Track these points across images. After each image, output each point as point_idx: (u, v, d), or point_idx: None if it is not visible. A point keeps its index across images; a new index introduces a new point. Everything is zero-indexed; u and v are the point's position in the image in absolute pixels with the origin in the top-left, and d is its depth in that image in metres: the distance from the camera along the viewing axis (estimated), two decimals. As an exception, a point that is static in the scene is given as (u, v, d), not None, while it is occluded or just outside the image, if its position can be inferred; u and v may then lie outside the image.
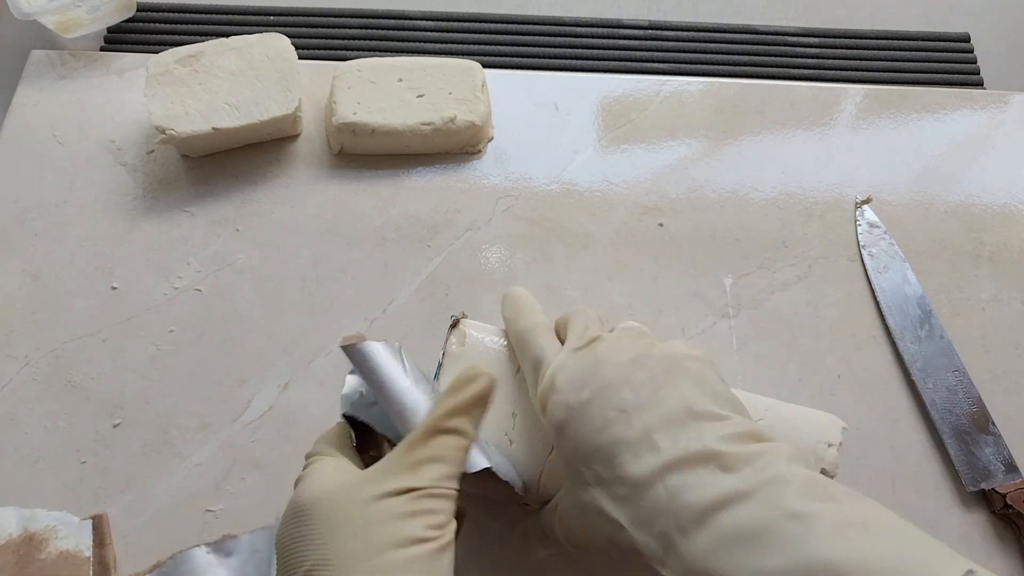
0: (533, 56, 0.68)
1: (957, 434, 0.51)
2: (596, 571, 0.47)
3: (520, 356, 0.41)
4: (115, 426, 0.50)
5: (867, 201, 0.59)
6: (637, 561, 0.35)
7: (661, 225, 0.58)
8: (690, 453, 0.33)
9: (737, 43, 0.69)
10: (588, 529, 0.37)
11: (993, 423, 0.51)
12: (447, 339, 0.46)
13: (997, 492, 0.49)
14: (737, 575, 0.30)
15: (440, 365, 0.45)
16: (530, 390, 0.40)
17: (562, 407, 0.36)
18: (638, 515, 0.33)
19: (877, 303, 0.56)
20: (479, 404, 0.35)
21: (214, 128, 0.56)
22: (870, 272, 0.57)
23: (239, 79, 0.58)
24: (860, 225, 0.58)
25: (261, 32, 0.60)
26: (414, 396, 0.38)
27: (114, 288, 0.55)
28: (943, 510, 0.49)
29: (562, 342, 0.40)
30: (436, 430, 0.34)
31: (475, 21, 0.69)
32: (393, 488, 0.33)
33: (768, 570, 0.30)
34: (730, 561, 0.30)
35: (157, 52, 0.59)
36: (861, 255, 0.57)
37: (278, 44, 0.59)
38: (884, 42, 0.70)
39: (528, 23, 0.70)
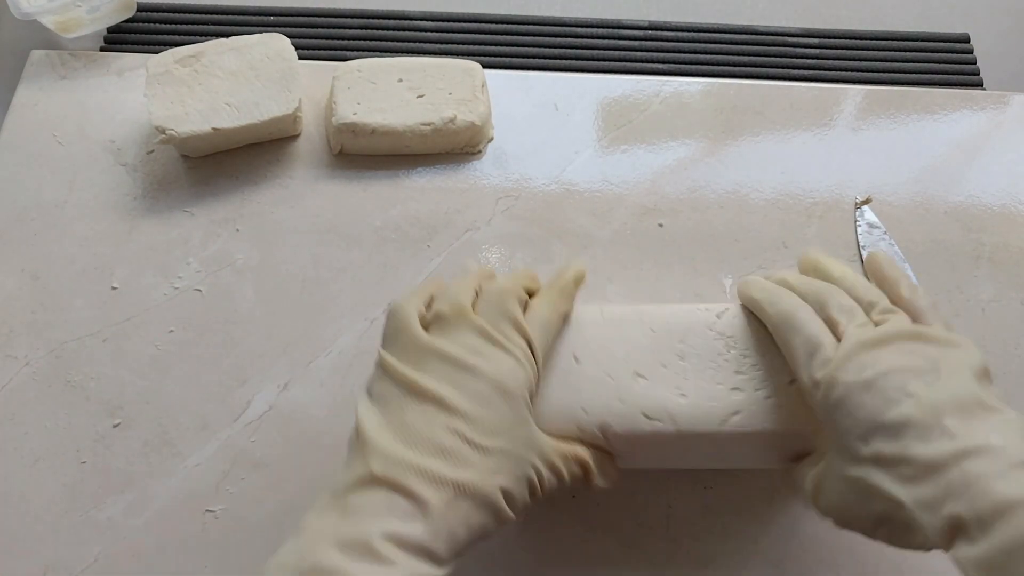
0: (533, 56, 0.68)
1: None
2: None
3: (785, 335, 0.41)
4: (115, 426, 0.50)
5: (867, 201, 0.59)
6: (908, 540, 0.36)
7: (661, 226, 0.58)
8: (989, 444, 0.34)
9: (737, 43, 0.69)
10: (854, 504, 0.37)
11: None
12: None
13: None
14: None
15: None
16: (798, 369, 0.41)
17: (841, 385, 0.37)
18: (924, 496, 0.34)
19: None
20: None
21: (214, 128, 0.56)
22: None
23: (239, 79, 0.58)
24: (860, 226, 0.58)
25: (261, 32, 0.60)
26: None
27: (114, 288, 0.55)
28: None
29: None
30: None
31: (475, 21, 0.69)
32: None
33: None
34: None
35: (157, 52, 0.59)
36: (861, 256, 0.57)
37: (278, 44, 0.59)
38: (884, 43, 0.70)
39: (528, 23, 0.70)
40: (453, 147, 0.60)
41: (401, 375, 0.38)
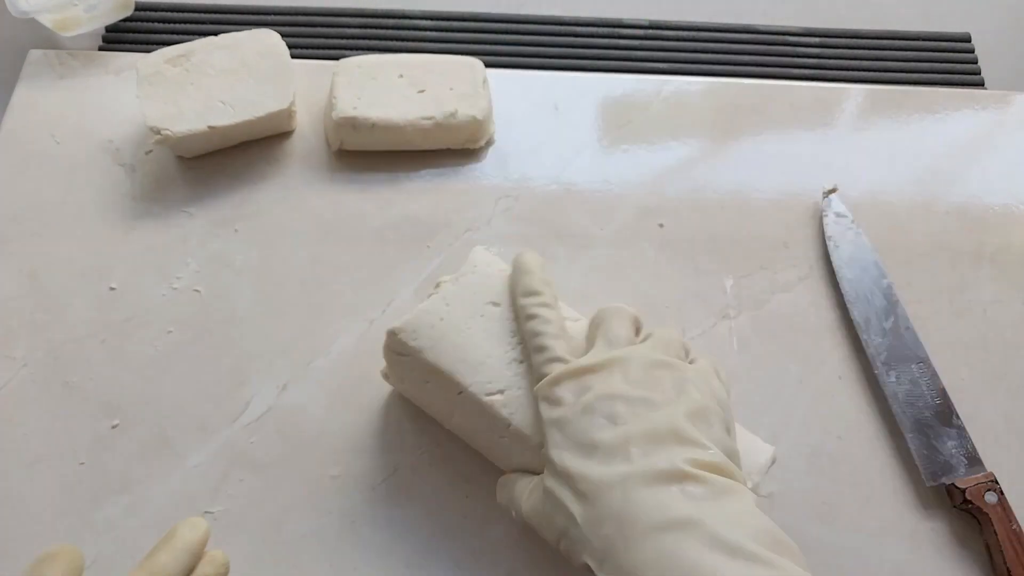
0: (533, 56, 0.68)
1: (919, 427, 0.51)
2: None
3: (525, 335, 0.43)
4: (113, 427, 0.50)
5: (833, 191, 0.59)
6: (578, 558, 0.36)
7: (661, 226, 0.58)
8: (658, 470, 0.35)
9: (737, 43, 0.69)
10: (545, 514, 0.38)
11: (957, 416, 0.51)
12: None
13: (957, 487, 0.48)
14: None
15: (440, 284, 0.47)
16: (532, 369, 0.42)
17: (562, 407, 0.39)
18: (591, 514, 0.35)
19: (841, 294, 0.55)
20: None
21: (210, 127, 0.56)
22: (835, 263, 0.56)
23: (231, 77, 0.58)
24: (827, 215, 0.58)
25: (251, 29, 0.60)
26: None
27: (112, 289, 0.54)
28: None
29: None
30: None
31: (475, 20, 0.69)
32: None
33: None
34: None
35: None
36: (827, 246, 0.57)
37: (268, 40, 0.59)
38: (885, 42, 0.70)
39: (528, 23, 0.69)
40: (454, 142, 0.60)
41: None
